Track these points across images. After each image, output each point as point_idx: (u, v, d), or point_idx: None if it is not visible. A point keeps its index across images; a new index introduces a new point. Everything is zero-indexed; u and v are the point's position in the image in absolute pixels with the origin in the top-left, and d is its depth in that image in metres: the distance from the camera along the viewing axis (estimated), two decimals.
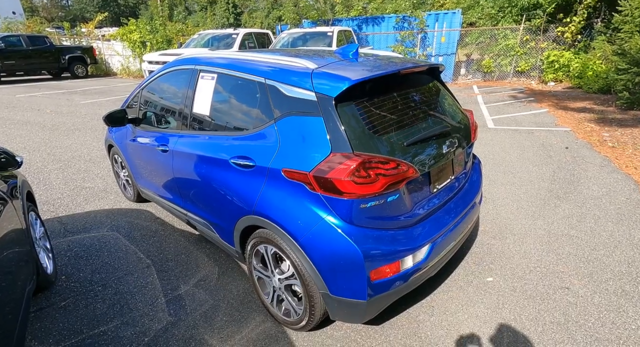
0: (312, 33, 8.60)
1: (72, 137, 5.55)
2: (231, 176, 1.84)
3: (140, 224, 2.95)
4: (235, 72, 1.90)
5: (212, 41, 9.11)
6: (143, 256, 2.50)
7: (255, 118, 1.79)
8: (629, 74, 5.59)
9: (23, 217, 1.77)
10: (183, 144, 2.20)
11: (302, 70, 1.64)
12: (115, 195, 3.51)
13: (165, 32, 14.21)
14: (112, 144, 3.19)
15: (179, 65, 2.36)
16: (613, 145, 4.33)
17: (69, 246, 2.63)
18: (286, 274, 1.73)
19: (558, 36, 9.48)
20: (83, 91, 10.47)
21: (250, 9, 34.48)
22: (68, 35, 16.98)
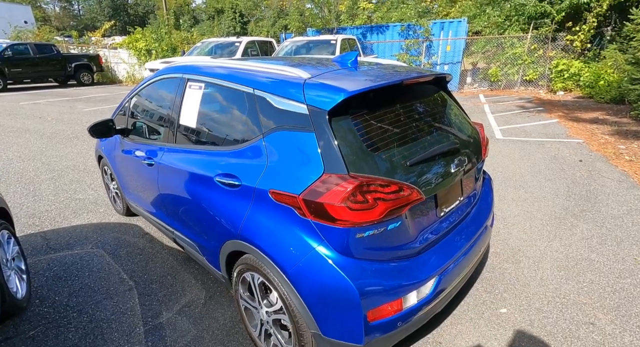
0: (315, 41, 8.52)
1: (70, 146, 5.45)
2: (216, 195, 1.67)
3: (128, 241, 2.78)
4: (223, 82, 1.74)
5: (215, 49, 9.07)
6: (126, 277, 2.33)
7: (242, 132, 1.63)
8: None
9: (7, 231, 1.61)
10: (169, 157, 2.04)
11: (294, 80, 1.47)
12: (106, 207, 3.35)
13: (170, 40, 14.31)
14: (102, 154, 3.05)
15: (167, 74, 2.22)
16: (631, 158, 4.10)
17: (49, 265, 2.46)
18: (274, 307, 1.53)
19: (567, 45, 9.29)
20: (87, 99, 10.48)
21: (256, 18, 34.86)
22: (76, 44, 17.19)
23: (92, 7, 48.45)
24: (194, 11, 43.48)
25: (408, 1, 12.91)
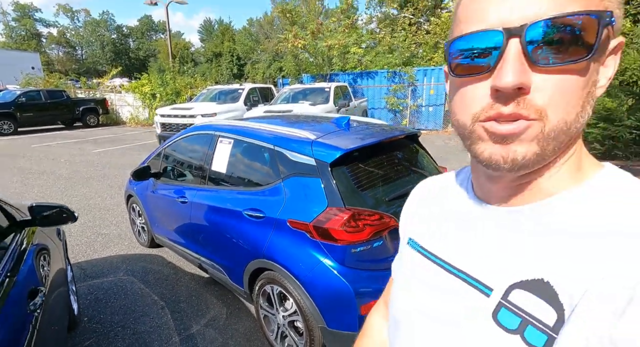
0: (311, 88, 9.43)
1: (87, 186, 5.93)
2: (244, 225, 2.18)
3: (154, 269, 3.20)
4: (250, 139, 2.33)
5: (220, 95, 9.92)
6: (157, 298, 2.74)
7: (265, 177, 2.18)
8: (598, 128, 6.19)
9: (64, 258, 2.07)
10: (201, 196, 2.57)
11: (305, 140, 2.06)
12: (129, 241, 3.79)
13: (174, 85, 15.36)
14: (132, 194, 3.56)
15: (200, 130, 2.82)
16: None
17: (89, 290, 2.86)
18: (289, 311, 1.99)
19: None
20: (95, 140, 11.10)
21: (253, 61, 37.21)
22: (84, 88, 18.23)
23: (95, 52, 51.20)
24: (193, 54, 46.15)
25: (395, 49, 14.24)
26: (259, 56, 37.11)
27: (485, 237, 0.44)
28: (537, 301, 0.36)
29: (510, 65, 0.33)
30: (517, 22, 0.33)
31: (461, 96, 0.39)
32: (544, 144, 0.35)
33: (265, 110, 7.74)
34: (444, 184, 0.58)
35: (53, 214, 1.79)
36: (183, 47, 44.68)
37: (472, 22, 0.36)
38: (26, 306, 1.26)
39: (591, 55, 0.33)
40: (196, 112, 8.04)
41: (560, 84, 0.34)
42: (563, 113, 0.34)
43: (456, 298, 0.44)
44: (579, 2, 0.32)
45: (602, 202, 0.37)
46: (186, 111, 8.18)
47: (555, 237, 0.37)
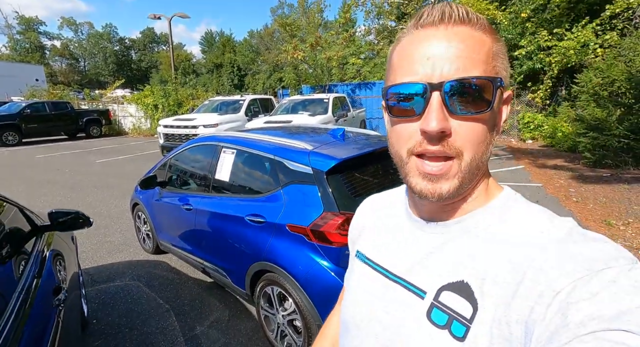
0: (310, 99, 9.66)
1: (91, 195, 6.07)
2: (246, 230, 2.33)
3: (158, 274, 3.33)
4: (252, 150, 2.50)
5: (221, 106, 10.15)
6: (162, 302, 2.86)
7: (265, 185, 2.34)
8: (588, 138, 6.37)
9: (77, 262, 2.21)
10: (205, 203, 2.72)
11: (303, 151, 2.23)
12: (134, 248, 3.92)
13: (176, 96, 15.64)
14: (138, 202, 3.71)
15: (204, 142, 2.99)
16: (577, 200, 4.87)
17: (97, 294, 2.99)
18: (289, 311, 2.12)
19: (530, 101, 10.64)
20: (98, 150, 11.28)
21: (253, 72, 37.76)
22: (87, 100, 18.53)
23: (98, 64, 51.94)
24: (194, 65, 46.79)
25: None
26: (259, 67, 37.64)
27: (419, 247, 0.53)
28: (460, 300, 0.44)
29: (434, 113, 0.42)
30: (437, 79, 0.42)
31: (398, 133, 0.48)
32: (462, 178, 0.45)
33: (266, 120, 7.95)
34: (387, 200, 0.67)
35: (70, 220, 1.95)
36: (185, 58, 45.37)
37: (404, 73, 0.45)
38: (52, 301, 1.40)
39: (490, 108, 0.43)
40: (198, 123, 8.24)
41: (472, 130, 0.43)
42: (474, 151, 0.44)
43: (398, 303, 0.51)
44: (479, 69, 0.43)
45: (503, 217, 0.48)
46: (189, 122, 8.38)
47: (472, 245, 0.47)
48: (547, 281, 0.37)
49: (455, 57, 0.42)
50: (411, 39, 0.46)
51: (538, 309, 0.37)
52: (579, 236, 0.41)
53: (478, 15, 0.45)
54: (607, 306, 0.33)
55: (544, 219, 0.45)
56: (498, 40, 0.46)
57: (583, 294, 0.34)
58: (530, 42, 9.83)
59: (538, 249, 0.41)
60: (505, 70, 0.46)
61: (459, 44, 0.42)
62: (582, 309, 0.33)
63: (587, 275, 0.35)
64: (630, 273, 0.35)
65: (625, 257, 0.37)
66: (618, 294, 0.33)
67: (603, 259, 0.36)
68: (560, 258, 0.38)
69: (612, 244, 0.39)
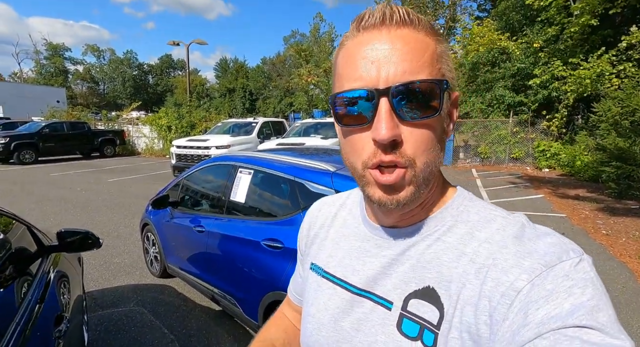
0: (322, 123, 9.70)
1: (101, 214, 6.01)
2: (261, 255, 2.17)
3: (165, 300, 3.15)
4: (270, 170, 2.39)
5: (234, 128, 10.26)
6: (167, 332, 2.66)
7: (284, 207, 2.21)
8: (612, 167, 6.15)
9: (82, 285, 2.07)
10: (219, 225, 2.59)
11: (325, 172, 2.11)
12: (141, 271, 3.76)
13: (190, 118, 15.97)
14: (148, 222, 3.59)
15: (220, 161, 2.90)
16: (607, 233, 4.59)
17: (100, 321, 2.81)
18: None
19: (544, 129, 10.50)
20: (110, 170, 11.39)
21: (264, 96, 38.78)
22: (104, 121, 19.06)
23: (116, 87, 54.15)
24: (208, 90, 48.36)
25: None
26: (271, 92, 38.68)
27: (381, 256, 0.50)
28: (428, 306, 0.44)
29: (384, 121, 0.41)
30: (383, 84, 0.41)
31: (350, 144, 0.46)
32: (417, 184, 0.44)
33: (278, 143, 7.95)
34: (339, 207, 0.63)
35: (79, 240, 1.83)
36: (199, 83, 47.01)
37: (349, 79, 0.43)
38: (52, 331, 1.26)
39: (438, 113, 0.42)
40: (211, 144, 8.29)
41: (422, 136, 0.43)
42: (426, 158, 0.43)
43: (366, 318, 0.49)
44: (425, 72, 0.41)
45: (461, 217, 0.48)
46: (201, 143, 8.44)
47: (434, 249, 0.46)
48: (509, 280, 0.38)
49: (399, 60, 0.41)
50: (354, 42, 0.44)
51: (501, 310, 0.37)
52: (531, 230, 0.43)
53: (420, 17, 0.44)
54: (562, 302, 0.34)
55: (499, 217, 0.46)
56: (441, 41, 0.45)
57: (541, 291, 0.36)
58: (544, 72, 9.85)
59: (497, 247, 0.42)
60: (450, 71, 0.45)
61: (402, 47, 0.41)
62: (541, 307, 0.35)
63: (544, 272, 0.37)
64: (579, 265, 0.37)
65: (574, 249, 0.39)
66: (572, 288, 0.35)
67: (556, 253, 0.38)
68: (518, 256, 0.39)
69: (560, 237, 0.41)
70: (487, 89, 11.77)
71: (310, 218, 0.67)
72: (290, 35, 40.99)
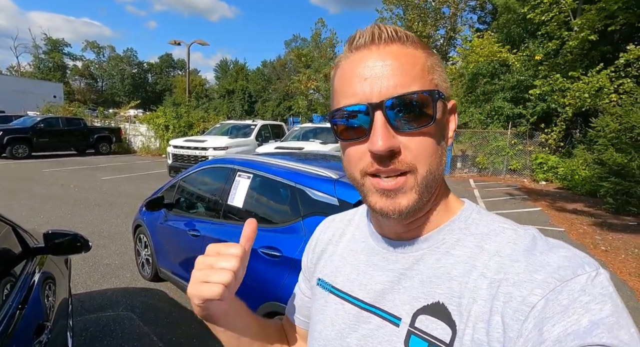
0: (321, 128, 9.66)
1: (93, 213, 5.87)
2: (258, 263, 2.09)
3: (155, 305, 3.04)
4: (270, 175, 2.32)
5: (232, 130, 10.18)
6: (156, 339, 2.56)
7: (284, 214, 2.13)
8: (610, 183, 6.16)
9: (69, 288, 1.97)
10: (215, 230, 2.50)
11: (327, 179, 2.04)
12: (131, 273, 3.65)
13: (188, 118, 15.87)
14: (141, 224, 3.49)
15: (218, 164, 2.82)
16: (606, 249, 4.56)
17: (86, 325, 2.69)
18: None
19: (543, 142, 10.55)
20: (105, 167, 11.23)
21: (263, 99, 38.73)
22: (100, 117, 18.87)
23: (115, 84, 53.86)
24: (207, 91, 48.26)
25: None
26: (270, 95, 38.69)
27: (389, 270, 0.50)
28: (438, 323, 0.42)
29: (379, 133, 0.42)
30: (376, 98, 0.42)
31: (349, 156, 0.47)
32: (420, 192, 0.44)
33: (277, 146, 7.88)
34: (347, 223, 0.63)
35: (67, 243, 1.74)
36: (199, 83, 46.92)
37: (345, 96, 0.45)
38: (32, 342, 1.17)
39: (433, 121, 0.43)
40: (209, 145, 8.20)
41: (420, 143, 0.43)
42: (427, 164, 0.43)
43: (373, 334, 0.48)
44: (417, 84, 0.43)
45: (470, 230, 0.47)
46: (199, 143, 8.35)
47: (444, 263, 0.45)
48: (521, 295, 0.37)
49: (391, 75, 0.42)
50: (348, 62, 0.46)
51: (515, 326, 0.36)
52: (543, 243, 0.42)
53: (407, 33, 0.45)
54: (580, 318, 0.33)
55: (509, 229, 0.45)
56: (431, 54, 0.46)
57: (556, 307, 0.34)
58: (544, 84, 9.91)
59: (508, 261, 0.41)
60: (444, 82, 0.46)
61: (393, 62, 0.43)
62: (557, 323, 0.34)
63: (558, 286, 0.36)
64: (596, 280, 0.36)
65: (590, 263, 0.38)
66: (589, 304, 0.34)
67: (570, 267, 0.37)
68: (530, 269, 0.39)
69: (574, 250, 0.41)
70: (486, 100, 11.83)
71: (318, 234, 0.66)
72: (292, 39, 41.20)
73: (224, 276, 0.47)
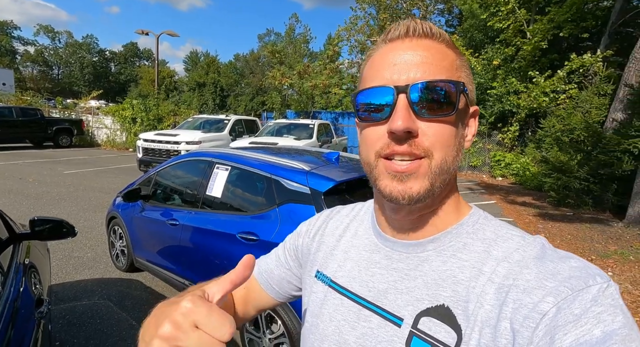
0: (295, 124, 9.84)
1: (58, 207, 5.70)
2: (236, 247, 2.28)
3: (131, 293, 3.13)
4: (247, 167, 2.50)
5: (205, 124, 10.08)
6: (135, 323, 2.67)
7: (260, 203, 2.34)
8: (553, 178, 6.88)
9: (50, 275, 2.06)
10: (194, 219, 2.65)
11: (300, 170, 2.27)
12: (105, 265, 3.68)
13: (157, 111, 15.38)
14: (116, 216, 3.53)
15: (196, 157, 2.96)
16: (546, 236, 5.16)
17: (61, 314, 2.75)
18: (276, 334, 2.06)
19: (500, 140, 11.40)
20: (67, 161, 10.71)
21: (236, 93, 38.00)
22: (59, 108, 17.77)
23: (73, 73, 50.46)
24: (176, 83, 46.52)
25: None
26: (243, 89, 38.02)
27: (393, 269, 0.49)
28: (441, 326, 0.42)
29: (400, 114, 0.42)
30: (403, 82, 0.43)
31: (365, 137, 0.48)
32: (432, 179, 0.43)
33: (251, 141, 7.96)
34: (352, 218, 0.62)
35: (53, 228, 1.84)
36: (167, 75, 45.11)
37: (373, 80, 0.46)
38: (34, 314, 1.30)
39: (455, 111, 0.44)
40: (181, 139, 8.11)
41: (439, 131, 0.43)
42: (443, 153, 0.44)
43: (373, 333, 0.47)
44: (444, 74, 0.44)
45: (478, 235, 0.47)
46: (171, 137, 8.24)
47: (450, 266, 0.45)
48: (532, 302, 0.37)
49: (420, 63, 0.43)
50: (380, 52, 0.47)
51: (525, 333, 0.36)
52: (552, 252, 0.42)
53: (441, 31, 0.46)
54: (592, 329, 0.33)
55: (516, 236, 0.45)
56: (461, 55, 0.47)
57: (568, 316, 0.34)
58: (501, 86, 10.71)
59: (518, 267, 0.41)
60: (470, 84, 0.47)
61: (423, 52, 0.44)
62: (569, 332, 0.33)
63: (570, 295, 0.35)
64: (607, 291, 0.36)
65: (601, 274, 0.38)
66: (601, 315, 0.34)
67: (582, 277, 0.37)
68: (542, 277, 0.38)
69: (583, 261, 0.40)
70: None
71: (319, 222, 0.65)
72: (265, 33, 40.68)
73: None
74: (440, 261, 0.46)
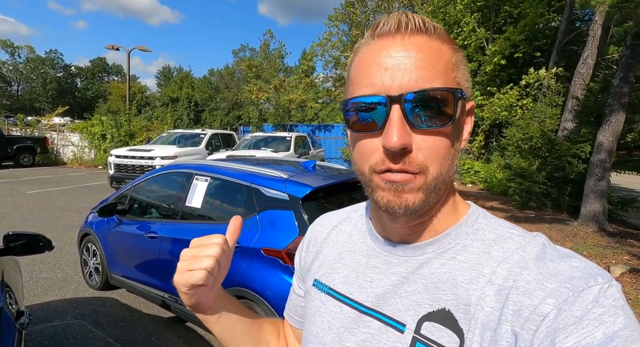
0: (272, 137, 9.92)
1: (22, 228, 5.42)
2: None
3: (106, 311, 3.04)
4: (227, 177, 2.57)
5: (180, 139, 9.96)
6: (112, 341, 2.61)
7: (241, 211, 2.40)
8: (516, 183, 7.35)
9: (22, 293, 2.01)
10: (174, 230, 2.66)
11: (278, 178, 2.37)
12: (77, 284, 3.55)
13: (129, 127, 14.96)
14: (89, 232, 3.44)
15: (174, 169, 2.99)
16: None
17: (31, 336, 2.63)
18: None
19: (468, 149, 12.01)
20: (29, 181, 10.17)
21: (211, 108, 37.60)
22: (20, 126, 16.88)
23: (35, 89, 48.14)
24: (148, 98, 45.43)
25: None
26: (218, 104, 37.75)
27: (391, 273, 0.48)
28: (444, 330, 0.41)
29: (395, 128, 0.39)
30: (396, 91, 0.40)
31: (360, 149, 0.45)
32: (428, 192, 0.42)
33: (228, 155, 7.95)
34: (342, 221, 0.61)
35: (29, 243, 1.82)
36: (138, 90, 44.08)
37: (362, 85, 0.42)
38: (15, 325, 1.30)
39: (452, 121, 0.41)
40: (156, 154, 7.98)
41: (434, 144, 0.41)
42: (439, 166, 0.42)
43: (372, 337, 0.46)
44: (439, 80, 0.40)
45: (477, 235, 0.46)
46: (145, 153, 8.08)
47: (450, 268, 0.44)
48: (533, 304, 0.36)
49: (414, 68, 0.40)
50: (368, 49, 0.43)
51: (525, 336, 0.35)
52: (553, 251, 0.41)
53: (435, 25, 0.43)
54: (594, 331, 0.33)
55: (516, 236, 0.44)
56: (457, 50, 0.44)
57: (569, 318, 0.34)
58: None
59: (518, 268, 0.40)
60: (466, 81, 0.45)
61: (417, 54, 0.40)
62: (570, 335, 0.33)
63: (570, 296, 0.35)
64: (608, 291, 0.35)
65: (602, 274, 0.37)
66: (603, 316, 0.33)
67: (583, 278, 0.36)
68: (542, 278, 0.38)
69: (586, 261, 0.39)
70: None
71: (312, 233, 0.64)
72: (240, 48, 40.89)
73: (206, 262, 0.48)
74: (439, 264, 0.45)
